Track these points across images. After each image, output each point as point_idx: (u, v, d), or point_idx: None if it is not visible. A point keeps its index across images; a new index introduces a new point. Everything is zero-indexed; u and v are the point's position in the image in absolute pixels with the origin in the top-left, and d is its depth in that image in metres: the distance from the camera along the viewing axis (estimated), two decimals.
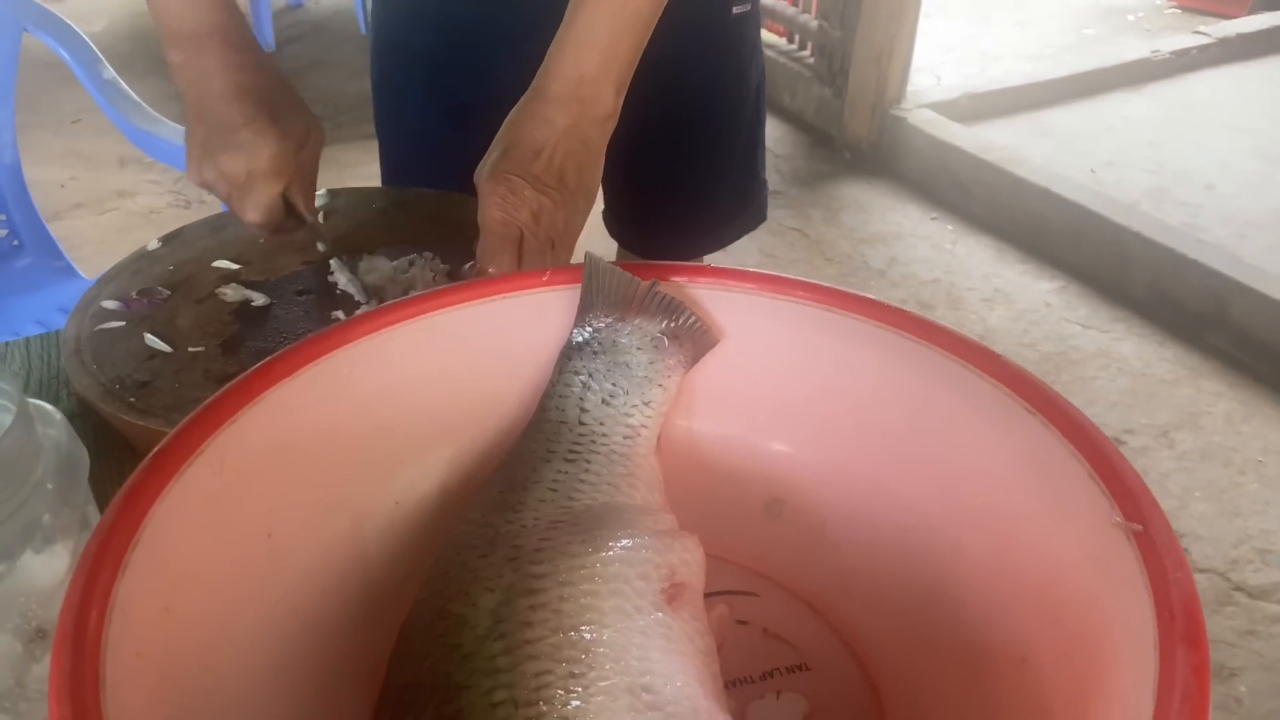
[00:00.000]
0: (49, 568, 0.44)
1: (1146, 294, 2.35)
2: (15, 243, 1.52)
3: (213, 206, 2.82)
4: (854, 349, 0.58)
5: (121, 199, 2.68)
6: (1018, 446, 0.50)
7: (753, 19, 1.02)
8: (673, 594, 0.47)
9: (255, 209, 0.77)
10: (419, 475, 0.59)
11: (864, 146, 2.96)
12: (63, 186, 2.60)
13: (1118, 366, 2.13)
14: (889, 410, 0.58)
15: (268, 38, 3.57)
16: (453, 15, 0.97)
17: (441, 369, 0.59)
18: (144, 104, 1.53)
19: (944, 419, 0.56)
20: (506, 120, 0.71)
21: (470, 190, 0.71)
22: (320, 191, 0.96)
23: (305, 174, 0.81)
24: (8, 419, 0.45)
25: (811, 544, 0.61)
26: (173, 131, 1.50)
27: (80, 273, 1.58)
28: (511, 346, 0.61)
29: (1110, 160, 2.87)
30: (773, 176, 2.86)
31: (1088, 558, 0.44)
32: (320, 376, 0.54)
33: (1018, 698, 0.47)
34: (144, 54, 3.40)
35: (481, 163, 0.70)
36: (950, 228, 2.64)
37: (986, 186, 2.67)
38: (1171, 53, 3.42)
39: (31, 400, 0.46)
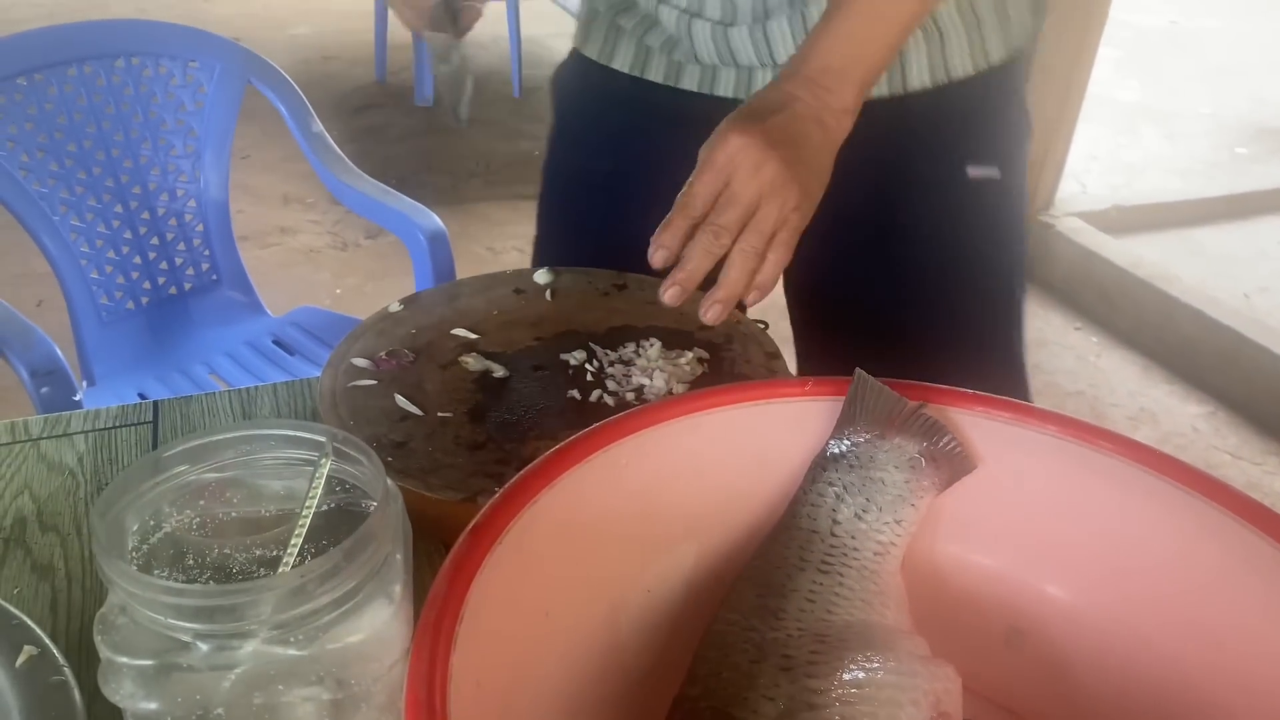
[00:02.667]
0: (400, 634, 0.47)
1: None
2: (214, 277, 1.62)
3: (368, 251, 2.91)
4: (1113, 489, 0.58)
5: (283, 235, 2.81)
6: None
7: (1000, 189, 0.96)
8: None
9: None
10: (670, 566, 0.61)
11: None
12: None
13: (1270, 504, 2.05)
14: (1147, 557, 0.58)
15: (427, 93, 3.73)
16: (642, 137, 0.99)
17: (699, 467, 0.61)
18: (345, 157, 1.62)
19: (1211, 574, 0.56)
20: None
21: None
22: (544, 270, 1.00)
23: None
24: (371, 485, 0.48)
25: (1054, 679, 0.61)
26: (369, 185, 1.59)
27: (266, 309, 1.66)
28: (767, 450, 0.62)
29: (1265, 286, 2.80)
30: None
31: None
32: (604, 465, 0.57)
33: None
34: (313, 99, 3.59)
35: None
36: (1095, 340, 2.60)
37: (1134, 301, 2.62)
38: None
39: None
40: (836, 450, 0.60)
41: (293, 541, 0.49)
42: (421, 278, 1.52)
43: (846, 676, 0.49)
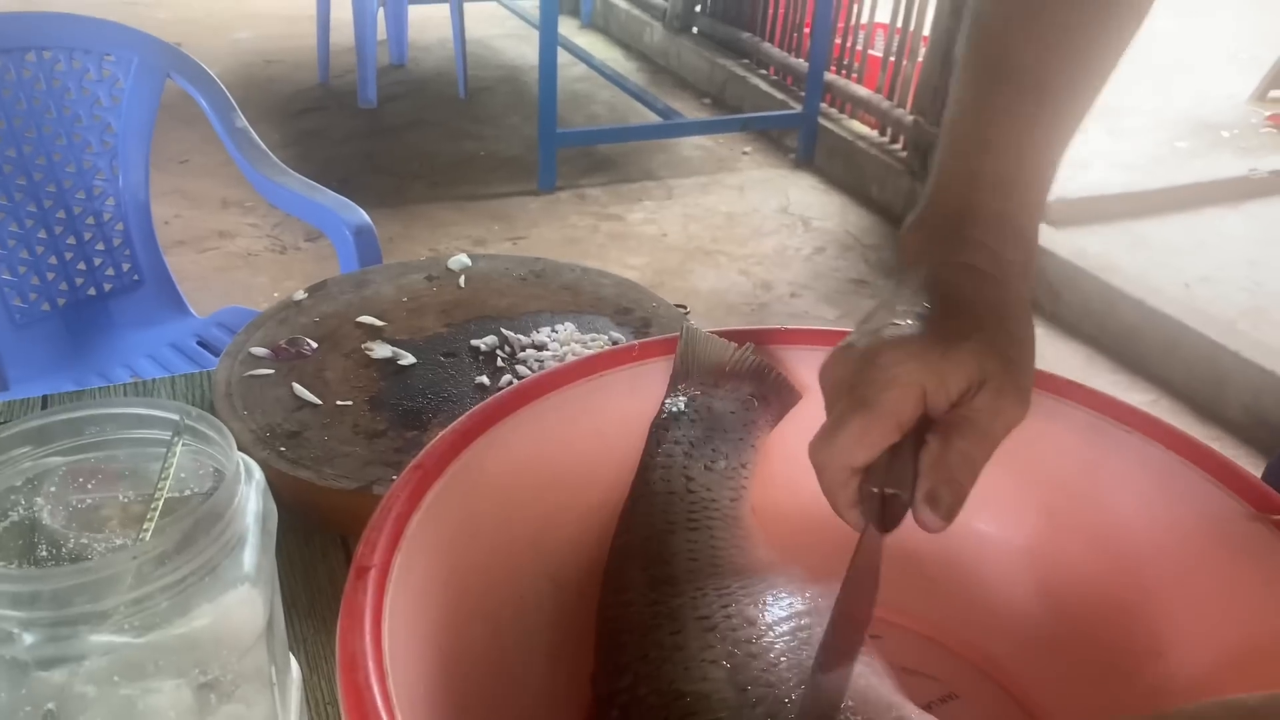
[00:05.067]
0: (251, 618, 0.44)
1: (1242, 415, 2.29)
2: (136, 277, 1.56)
3: (307, 254, 2.87)
4: None
5: (221, 239, 2.75)
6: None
7: None
8: None
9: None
10: (562, 543, 0.59)
11: None
12: (166, 224, 2.68)
13: None
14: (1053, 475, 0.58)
15: (370, 96, 3.68)
16: None
17: (565, 441, 0.58)
18: (270, 153, 1.58)
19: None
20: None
21: None
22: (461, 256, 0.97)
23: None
24: (223, 466, 0.45)
25: (932, 584, 0.61)
26: (295, 181, 1.54)
27: (192, 310, 1.62)
28: (605, 423, 0.60)
29: (1206, 276, 2.83)
30: (859, 265, 2.86)
31: None
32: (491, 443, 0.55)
33: None
34: (255, 102, 3.53)
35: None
36: (1040, 331, 2.60)
37: (1079, 292, 2.64)
38: (1270, 172, 3.38)
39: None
40: (674, 408, 0.60)
41: (144, 526, 0.46)
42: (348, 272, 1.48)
43: (769, 618, 0.50)
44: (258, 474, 0.48)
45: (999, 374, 0.44)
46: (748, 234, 3.00)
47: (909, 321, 0.46)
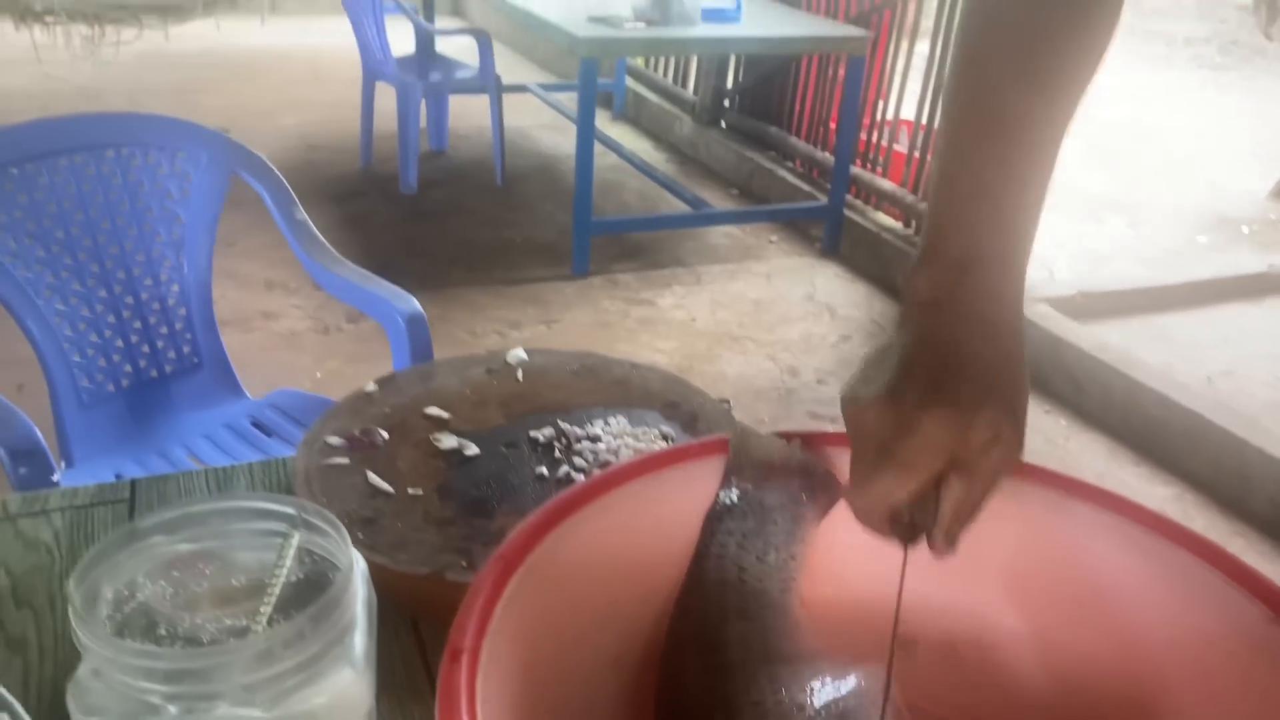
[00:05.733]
0: (361, 696, 0.49)
1: (1268, 508, 2.30)
2: (195, 360, 1.64)
3: (348, 335, 2.94)
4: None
5: (266, 320, 2.85)
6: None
7: None
8: None
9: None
10: (629, 634, 0.64)
11: None
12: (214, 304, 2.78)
13: None
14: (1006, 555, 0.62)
15: (411, 182, 3.81)
16: None
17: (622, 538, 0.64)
18: (327, 244, 1.67)
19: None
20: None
21: None
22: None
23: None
24: (335, 558, 0.51)
25: (964, 674, 0.65)
26: (350, 271, 1.62)
27: (246, 392, 1.69)
28: (664, 516, 0.65)
29: (1228, 370, 2.86)
30: None
31: None
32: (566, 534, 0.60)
33: None
34: (299, 186, 3.66)
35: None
36: (1063, 422, 2.64)
37: (1101, 385, 2.68)
38: None
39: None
40: (728, 502, 0.64)
41: (262, 608, 0.51)
42: (400, 360, 1.55)
43: (818, 703, 0.55)
44: (362, 564, 0.54)
45: (1010, 431, 0.53)
46: (775, 320, 3.07)
47: (936, 388, 0.53)
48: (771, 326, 3.03)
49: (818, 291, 3.29)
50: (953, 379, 0.53)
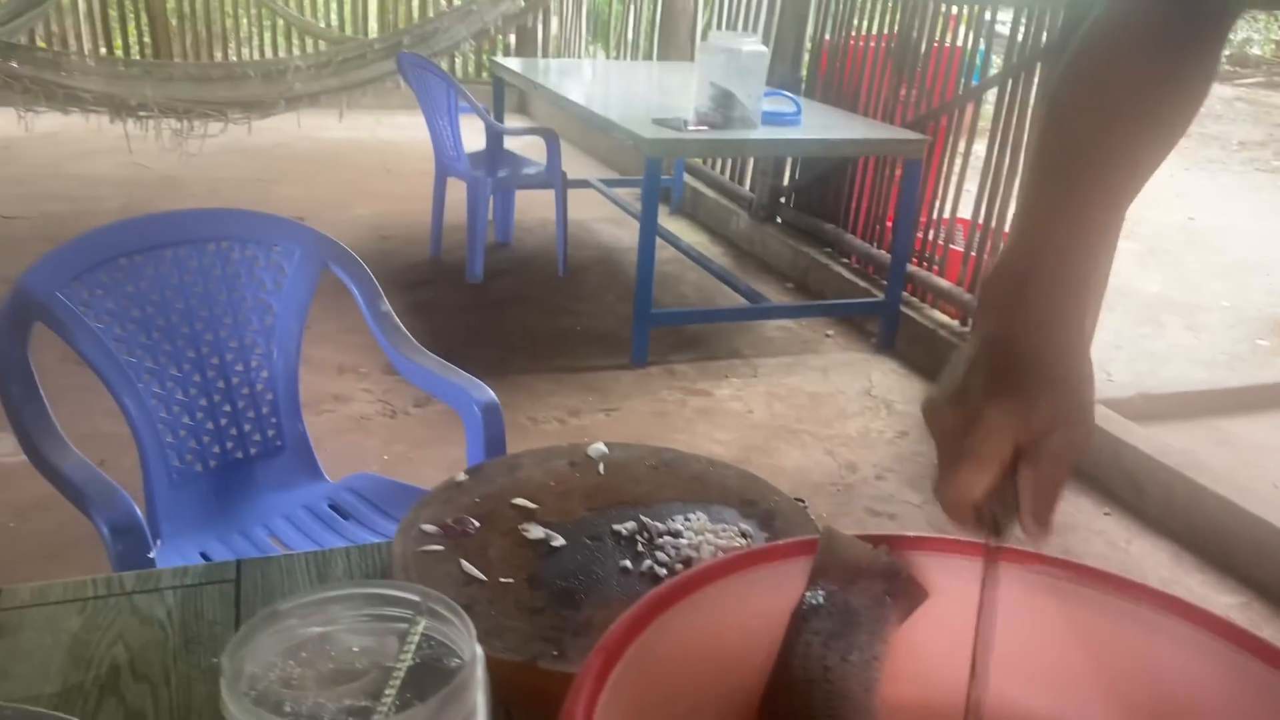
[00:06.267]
0: None
1: None
2: (279, 443, 1.71)
3: (415, 420, 3.00)
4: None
5: (337, 403, 2.94)
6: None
7: None
8: None
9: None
10: None
11: None
12: None
13: None
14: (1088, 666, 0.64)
15: (477, 271, 3.94)
16: None
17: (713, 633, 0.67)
18: (409, 335, 1.74)
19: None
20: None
21: None
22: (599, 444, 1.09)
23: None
24: (456, 646, 0.55)
25: None
26: (430, 361, 1.69)
27: (325, 475, 1.75)
28: (752, 613, 0.69)
29: None
30: None
31: None
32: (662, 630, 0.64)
33: None
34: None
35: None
36: (1125, 525, 2.62)
37: (1163, 489, 2.66)
38: None
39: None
40: (814, 602, 0.67)
41: (386, 692, 0.56)
42: (474, 447, 1.60)
43: None
44: (480, 652, 0.58)
45: (1070, 414, 0.59)
46: (832, 415, 3.10)
47: (998, 379, 0.59)
48: (829, 421, 3.06)
49: (874, 387, 3.32)
50: (1012, 371, 0.60)
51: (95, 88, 4.65)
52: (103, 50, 7.15)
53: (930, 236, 3.72)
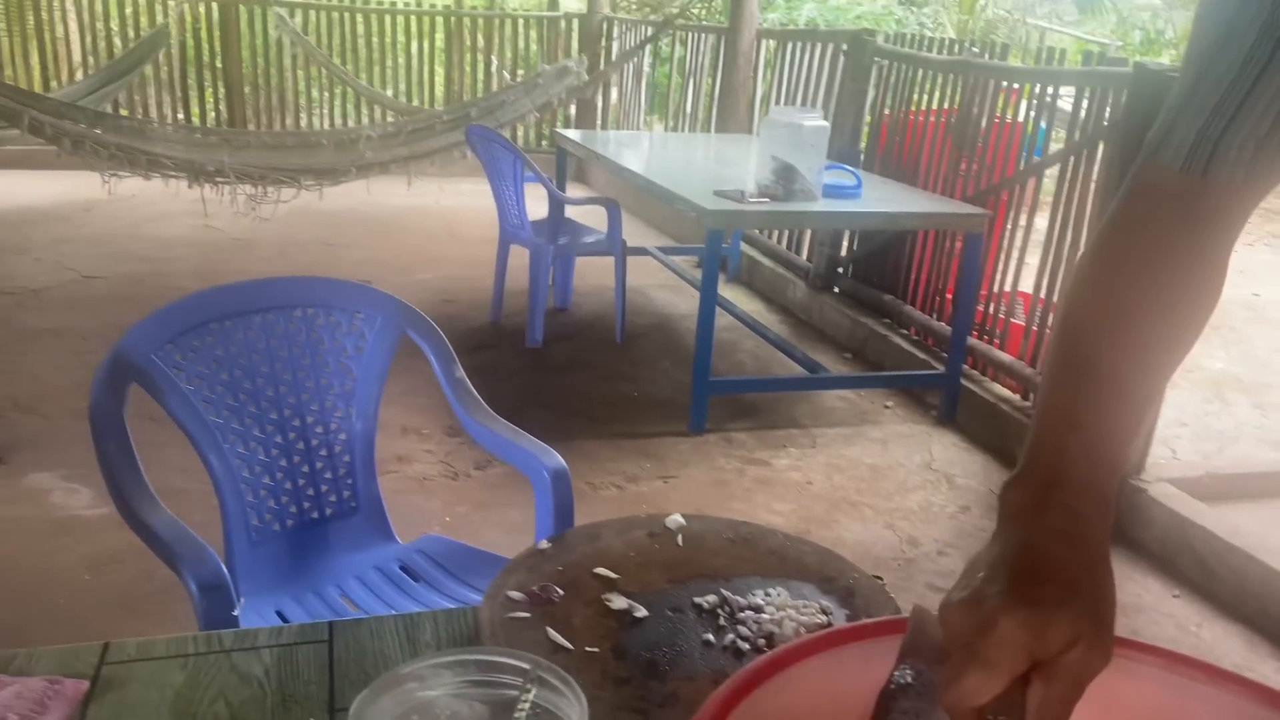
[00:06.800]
0: None
1: None
2: (353, 504, 1.75)
3: (476, 482, 3.03)
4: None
5: (400, 464, 2.99)
6: None
7: None
8: None
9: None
10: None
11: None
12: None
13: None
14: None
15: (537, 337, 4.00)
16: None
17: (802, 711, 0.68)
18: (481, 400, 1.78)
19: None
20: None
21: None
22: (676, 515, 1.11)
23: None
24: (569, 713, 0.57)
25: None
26: (502, 427, 1.73)
27: (396, 536, 1.79)
28: (841, 691, 0.70)
29: None
30: None
31: None
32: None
33: None
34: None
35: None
36: (1195, 609, 2.56)
37: (1234, 572, 2.59)
38: None
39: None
40: (902, 680, 0.68)
41: None
42: (543, 512, 1.63)
43: None
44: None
45: (1090, 633, 0.57)
46: (892, 488, 3.08)
47: (1016, 589, 0.57)
48: (889, 494, 3.04)
49: (935, 460, 3.30)
50: (1032, 581, 0.58)
51: (176, 154, 4.85)
52: (180, 117, 7.46)
53: (991, 310, 3.72)
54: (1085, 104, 3.30)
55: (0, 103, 4.70)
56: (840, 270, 4.63)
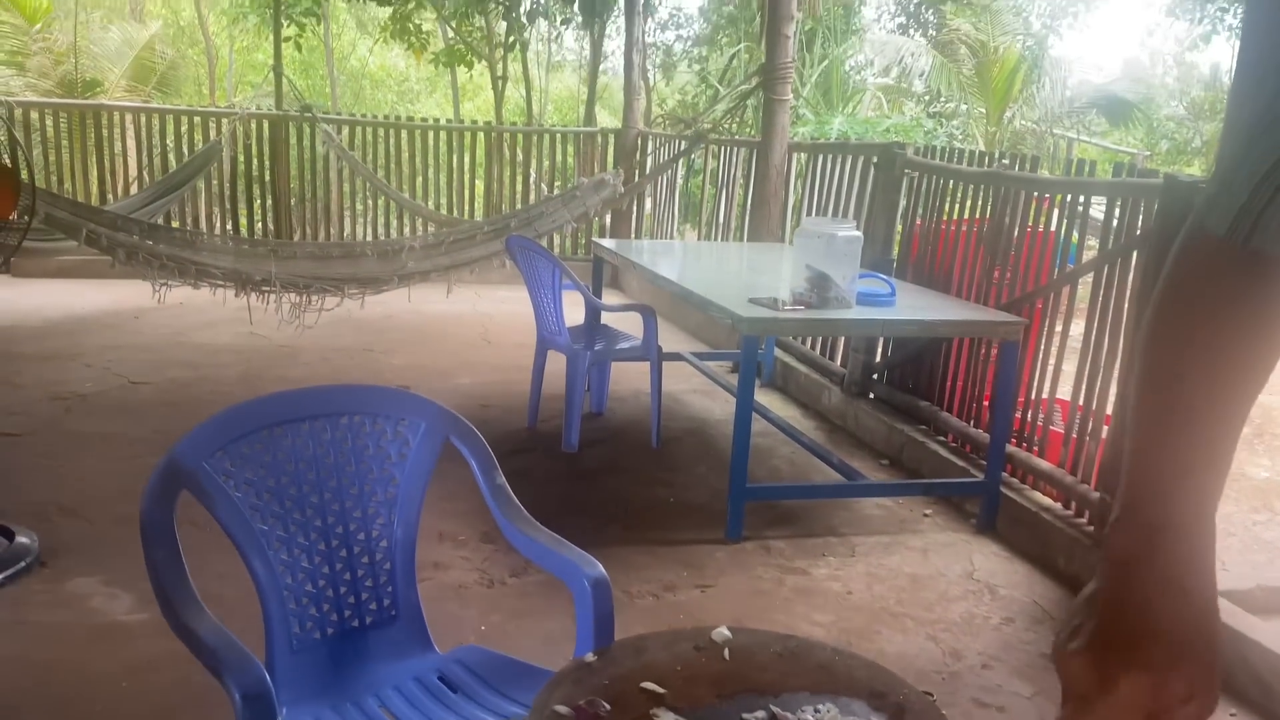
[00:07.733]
0: None
1: None
2: (393, 613, 1.75)
3: (512, 590, 3.01)
4: None
5: (435, 570, 2.98)
6: None
7: None
8: None
9: None
10: None
11: None
12: None
13: None
14: None
15: (573, 441, 4.02)
16: None
17: None
18: (522, 507, 1.79)
19: None
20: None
21: None
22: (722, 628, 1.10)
23: None
24: None
25: None
26: (543, 535, 1.74)
27: (435, 646, 1.78)
28: None
29: None
30: (1048, 635, 2.80)
31: None
32: None
33: None
34: None
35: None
36: None
37: None
38: None
39: None
40: None
41: None
42: (583, 621, 1.62)
43: None
44: None
45: (1204, 688, 0.60)
46: (934, 598, 3.02)
47: (1133, 651, 0.60)
48: (930, 605, 2.98)
49: (977, 570, 3.24)
50: (1147, 641, 0.60)
51: (225, 264, 5.01)
52: (229, 228, 7.70)
53: (1029, 417, 3.69)
54: (1117, 213, 3.33)
55: (60, 216, 4.89)
56: (875, 376, 4.63)
